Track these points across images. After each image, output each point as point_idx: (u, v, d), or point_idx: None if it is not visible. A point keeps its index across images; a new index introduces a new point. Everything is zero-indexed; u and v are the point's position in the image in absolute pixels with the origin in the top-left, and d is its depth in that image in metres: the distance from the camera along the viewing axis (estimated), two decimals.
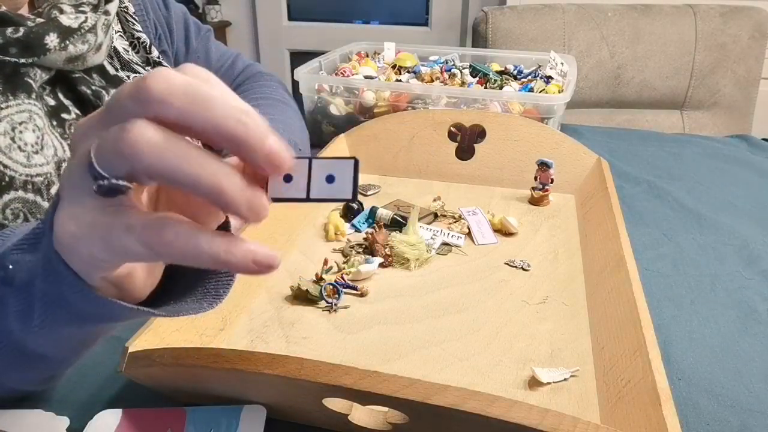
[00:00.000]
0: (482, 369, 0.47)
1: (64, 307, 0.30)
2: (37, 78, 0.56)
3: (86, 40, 0.59)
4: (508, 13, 1.50)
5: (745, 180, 0.89)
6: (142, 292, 0.31)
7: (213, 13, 2.63)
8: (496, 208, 0.75)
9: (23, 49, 0.54)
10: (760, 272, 0.63)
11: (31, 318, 0.31)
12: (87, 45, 0.59)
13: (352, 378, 0.33)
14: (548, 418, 0.31)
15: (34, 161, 0.54)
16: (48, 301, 0.30)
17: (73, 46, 0.57)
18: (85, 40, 0.58)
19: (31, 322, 0.31)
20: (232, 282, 0.32)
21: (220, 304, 0.31)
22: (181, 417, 0.39)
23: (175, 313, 0.31)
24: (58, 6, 0.59)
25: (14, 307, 0.32)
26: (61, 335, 0.33)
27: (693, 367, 0.49)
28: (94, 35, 0.60)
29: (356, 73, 0.99)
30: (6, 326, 0.33)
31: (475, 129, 0.82)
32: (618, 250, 0.56)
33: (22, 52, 0.54)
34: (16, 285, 0.31)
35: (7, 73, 0.54)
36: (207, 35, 0.90)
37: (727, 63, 1.49)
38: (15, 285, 0.31)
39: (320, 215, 0.71)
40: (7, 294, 0.32)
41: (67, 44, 0.56)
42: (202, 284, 0.32)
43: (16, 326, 0.32)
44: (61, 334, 0.33)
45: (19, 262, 0.31)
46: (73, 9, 0.60)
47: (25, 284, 0.31)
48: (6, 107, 0.53)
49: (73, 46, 0.57)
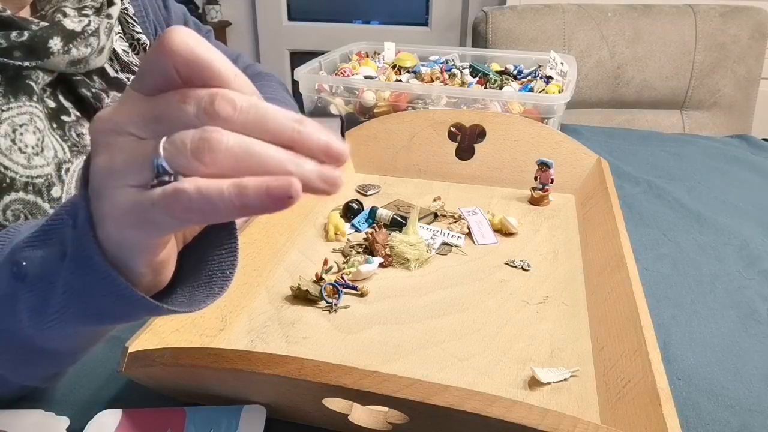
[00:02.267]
0: (482, 369, 0.47)
1: (85, 302, 0.30)
2: (39, 80, 0.57)
3: (89, 44, 0.59)
4: (508, 13, 1.50)
5: (745, 180, 0.89)
6: (165, 282, 0.32)
7: (213, 13, 2.63)
8: (496, 208, 0.75)
9: (27, 53, 0.54)
10: (760, 272, 0.63)
11: (44, 313, 0.31)
12: (90, 48, 0.59)
13: (352, 378, 0.33)
14: (548, 418, 0.31)
15: (34, 163, 0.55)
16: (71, 295, 0.30)
17: (76, 49, 0.57)
18: (88, 44, 0.59)
19: (44, 318, 0.32)
20: (235, 263, 0.32)
21: (229, 288, 0.32)
22: (181, 417, 0.39)
23: (191, 306, 0.31)
24: (62, 9, 0.59)
25: (27, 303, 0.32)
26: (73, 331, 0.33)
27: (693, 367, 0.49)
28: (97, 39, 0.60)
29: (356, 73, 0.99)
30: (16, 322, 0.33)
31: (475, 129, 0.82)
32: (618, 250, 0.56)
33: (25, 56, 0.54)
34: (29, 280, 0.32)
35: (9, 75, 0.55)
36: (207, 35, 0.90)
37: (727, 63, 1.49)
38: (28, 280, 0.32)
39: (320, 215, 0.71)
40: (19, 289, 0.32)
41: (70, 48, 0.57)
42: (206, 269, 0.32)
43: (26, 322, 0.33)
44: (73, 330, 0.33)
45: (32, 258, 0.32)
46: (77, 12, 0.60)
47: (40, 279, 0.31)
48: (7, 109, 0.54)
49: (76, 50, 0.57)
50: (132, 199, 0.26)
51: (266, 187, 0.25)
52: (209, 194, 0.25)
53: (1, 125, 0.53)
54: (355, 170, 0.85)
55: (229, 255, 0.32)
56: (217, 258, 0.32)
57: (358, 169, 0.85)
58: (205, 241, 0.33)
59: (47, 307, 0.31)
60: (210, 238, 0.33)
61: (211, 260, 0.32)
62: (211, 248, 0.33)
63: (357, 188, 0.80)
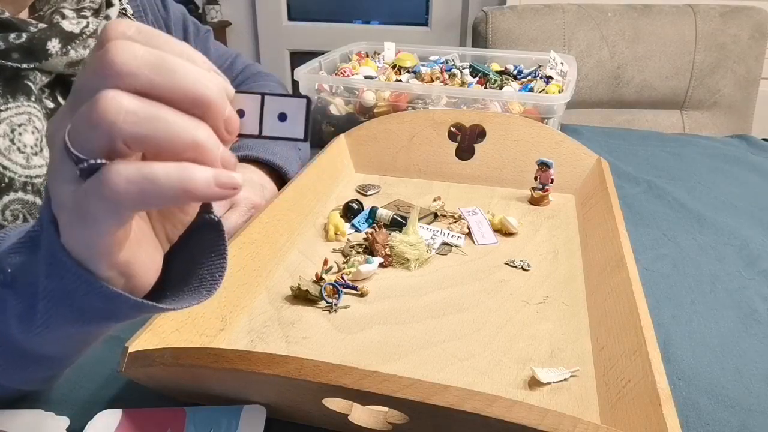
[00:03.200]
0: (482, 369, 0.47)
1: (68, 305, 0.30)
2: (37, 81, 0.57)
3: (87, 45, 0.59)
4: (508, 13, 1.50)
5: (745, 180, 0.89)
6: (144, 285, 0.31)
7: (213, 13, 2.63)
8: (496, 208, 0.75)
9: (25, 55, 0.54)
10: (760, 272, 0.63)
11: (32, 319, 0.31)
12: (88, 50, 0.59)
13: (352, 378, 0.33)
14: (548, 418, 0.31)
15: (33, 163, 0.55)
16: (52, 299, 0.30)
17: (74, 51, 0.57)
18: (87, 45, 0.59)
19: (32, 324, 0.31)
20: (224, 265, 0.32)
21: (218, 291, 0.31)
22: (181, 417, 0.39)
23: (176, 304, 0.31)
24: (60, 11, 0.59)
25: (14, 310, 0.32)
26: (63, 335, 0.33)
27: (693, 367, 0.49)
28: (95, 40, 0.60)
29: (356, 73, 0.99)
30: (6, 329, 0.33)
31: (475, 129, 0.82)
32: (618, 250, 0.56)
33: (24, 58, 0.54)
34: (16, 287, 0.31)
35: (6, 76, 0.55)
36: (206, 35, 0.90)
37: (727, 63, 1.49)
38: (15, 287, 0.31)
39: (320, 215, 0.71)
40: (7, 296, 0.32)
41: (68, 49, 0.57)
42: (195, 273, 0.32)
43: (16, 329, 0.32)
44: (63, 333, 0.33)
45: (17, 265, 0.31)
46: (75, 13, 0.60)
47: (26, 285, 0.31)
48: (5, 109, 0.53)
49: (74, 51, 0.57)
50: (69, 194, 0.26)
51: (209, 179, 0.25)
52: (133, 174, 0.24)
53: (0, 125, 0.53)
54: (355, 170, 0.85)
55: (218, 258, 0.32)
56: (207, 262, 0.32)
57: (358, 169, 0.85)
58: (192, 241, 0.33)
59: (34, 312, 0.31)
60: (197, 239, 0.33)
61: (200, 265, 0.32)
62: (199, 252, 0.32)
63: (357, 188, 0.80)
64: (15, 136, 0.54)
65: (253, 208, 0.65)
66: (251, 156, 0.70)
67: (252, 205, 0.65)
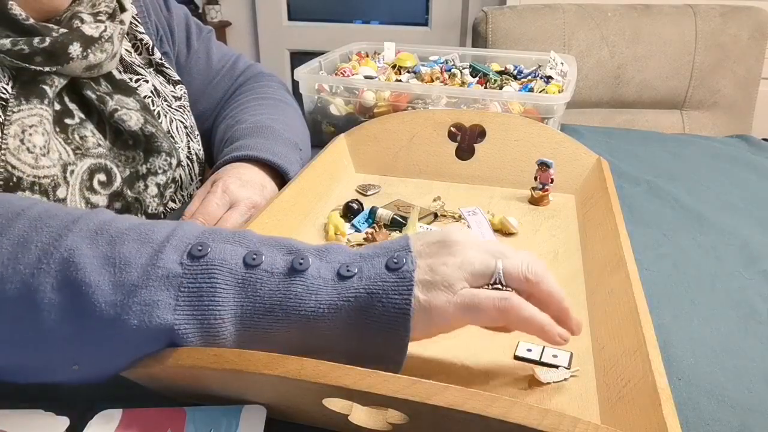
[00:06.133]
0: (482, 369, 0.47)
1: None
2: (55, 84, 0.58)
3: (104, 49, 0.61)
4: (508, 13, 1.50)
5: (745, 180, 0.89)
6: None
7: (213, 13, 2.63)
8: (496, 208, 0.75)
9: (48, 58, 0.56)
10: (760, 272, 0.63)
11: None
12: (105, 54, 0.61)
13: (352, 378, 0.33)
14: (548, 418, 0.31)
15: (41, 163, 0.55)
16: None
17: (93, 54, 0.59)
18: (104, 49, 0.60)
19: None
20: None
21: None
22: (181, 417, 0.39)
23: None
24: (79, 16, 0.60)
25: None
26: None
27: (693, 367, 0.49)
28: (112, 44, 0.62)
29: (356, 73, 0.99)
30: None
31: (475, 129, 0.82)
32: (618, 250, 0.56)
33: (46, 61, 0.56)
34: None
35: (25, 79, 0.56)
36: (208, 36, 0.90)
37: (727, 63, 1.49)
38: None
39: (320, 215, 0.71)
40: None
41: (88, 53, 0.58)
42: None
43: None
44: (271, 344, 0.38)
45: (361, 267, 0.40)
46: (92, 18, 0.61)
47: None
48: (18, 111, 0.55)
49: (93, 55, 0.59)
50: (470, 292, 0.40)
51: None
52: (531, 311, 0.41)
53: (12, 125, 0.54)
54: (355, 170, 0.85)
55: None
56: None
57: (358, 169, 0.85)
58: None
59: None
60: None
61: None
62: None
63: (357, 188, 0.80)
64: (25, 136, 0.55)
65: (254, 208, 0.65)
66: (252, 156, 0.70)
67: (252, 204, 0.65)
